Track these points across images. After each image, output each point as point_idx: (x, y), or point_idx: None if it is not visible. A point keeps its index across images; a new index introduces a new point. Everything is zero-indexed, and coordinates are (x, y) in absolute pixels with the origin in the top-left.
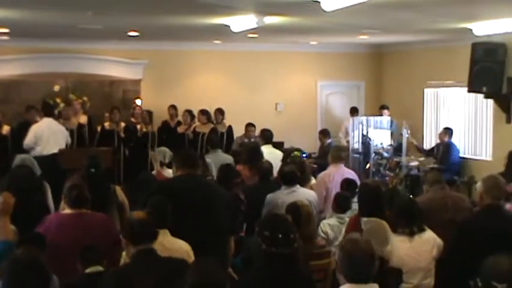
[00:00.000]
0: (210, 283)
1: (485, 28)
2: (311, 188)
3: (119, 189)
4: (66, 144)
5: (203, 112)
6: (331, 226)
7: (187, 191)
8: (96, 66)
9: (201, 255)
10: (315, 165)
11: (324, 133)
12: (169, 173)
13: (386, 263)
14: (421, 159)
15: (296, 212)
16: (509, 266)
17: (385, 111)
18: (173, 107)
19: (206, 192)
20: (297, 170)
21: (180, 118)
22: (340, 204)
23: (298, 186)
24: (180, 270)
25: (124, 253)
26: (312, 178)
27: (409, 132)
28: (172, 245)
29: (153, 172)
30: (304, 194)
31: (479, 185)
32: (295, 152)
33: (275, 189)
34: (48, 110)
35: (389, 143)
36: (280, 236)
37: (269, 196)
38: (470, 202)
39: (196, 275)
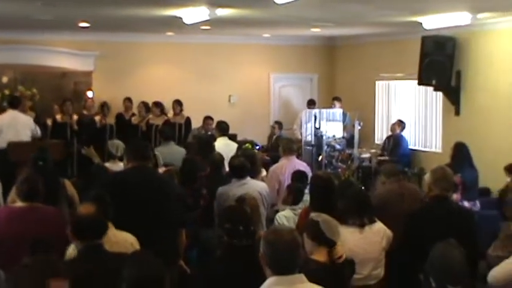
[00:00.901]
0: (147, 276)
1: (435, 22)
2: (262, 180)
3: (68, 183)
4: (34, 137)
5: (156, 104)
6: (287, 218)
7: (137, 183)
8: (46, 58)
9: (151, 248)
10: (268, 158)
11: (277, 124)
12: (120, 166)
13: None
14: (373, 150)
15: (242, 204)
16: (459, 266)
17: (337, 103)
18: (128, 99)
19: (156, 184)
20: (247, 162)
21: (134, 110)
22: (293, 196)
23: (248, 178)
24: None
25: (71, 247)
26: (263, 170)
27: (361, 124)
28: (116, 238)
29: (107, 164)
30: (255, 186)
31: (427, 176)
32: (247, 144)
33: (226, 182)
34: (12, 102)
35: (342, 135)
36: (241, 228)
37: (220, 189)
38: (423, 194)
39: (132, 268)
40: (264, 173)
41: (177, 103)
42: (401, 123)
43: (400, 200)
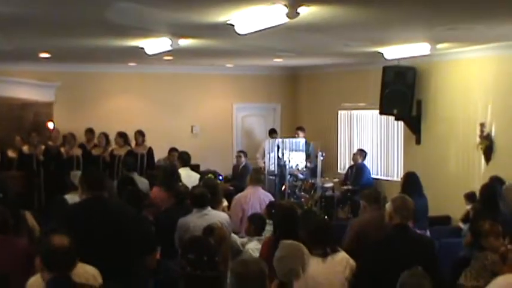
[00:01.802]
0: None
1: (396, 52)
2: (223, 211)
3: (28, 215)
4: None
5: (120, 135)
6: (257, 250)
7: (91, 215)
8: (5, 88)
9: (113, 279)
10: (232, 187)
11: (242, 154)
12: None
13: None
14: (335, 180)
15: (210, 234)
16: None
17: (301, 132)
18: (90, 130)
19: (112, 215)
20: (208, 192)
21: (96, 141)
22: (256, 226)
23: (209, 208)
24: None
25: (32, 278)
26: (224, 200)
27: (323, 154)
28: (77, 270)
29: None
30: (216, 216)
31: (388, 205)
32: (210, 175)
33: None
34: None
35: (305, 165)
36: (205, 258)
37: (181, 220)
38: None
39: None
40: (225, 203)
41: (139, 133)
42: (362, 152)
43: (379, 228)
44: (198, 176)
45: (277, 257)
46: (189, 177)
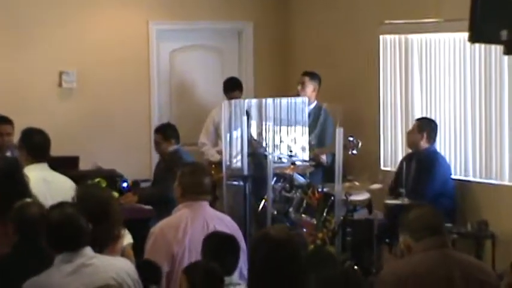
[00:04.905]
0: None
1: None
2: (123, 253)
3: None
4: None
5: None
6: None
7: None
8: None
9: None
10: (147, 206)
11: (166, 134)
12: None
13: None
14: (376, 186)
15: None
16: None
17: (309, 83)
18: None
19: None
20: (84, 217)
21: None
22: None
23: (88, 252)
24: None
25: None
26: (127, 233)
27: (355, 139)
28: None
29: None
30: (106, 269)
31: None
32: (97, 179)
33: (44, 262)
34: None
35: (309, 155)
36: None
37: (30, 283)
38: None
39: None
40: (128, 237)
41: None
42: (428, 126)
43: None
44: (69, 182)
45: None
46: (46, 184)
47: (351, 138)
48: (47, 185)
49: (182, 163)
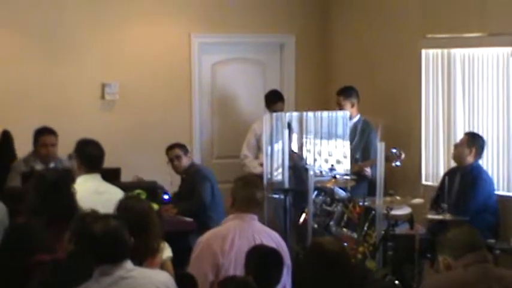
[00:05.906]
0: None
1: None
2: (163, 266)
3: None
4: None
5: None
6: None
7: None
8: None
9: None
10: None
11: (185, 148)
12: None
13: None
14: (418, 200)
15: None
16: None
17: (346, 100)
18: None
19: None
20: (126, 230)
21: None
22: None
23: (129, 265)
24: None
25: None
26: (166, 245)
27: (399, 151)
28: None
29: None
30: (145, 282)
31: None
32: (137, 191)
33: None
34: None
35: (350, 168)
36: None
37: None
38: None
39: None
40: (168, 251)
41: None
42: (474, 141)
43: None
44: (120, 193)
45: None
46: (98, 195)
47: (394, 150)
48: (99, 196)
49: (203, 175)
